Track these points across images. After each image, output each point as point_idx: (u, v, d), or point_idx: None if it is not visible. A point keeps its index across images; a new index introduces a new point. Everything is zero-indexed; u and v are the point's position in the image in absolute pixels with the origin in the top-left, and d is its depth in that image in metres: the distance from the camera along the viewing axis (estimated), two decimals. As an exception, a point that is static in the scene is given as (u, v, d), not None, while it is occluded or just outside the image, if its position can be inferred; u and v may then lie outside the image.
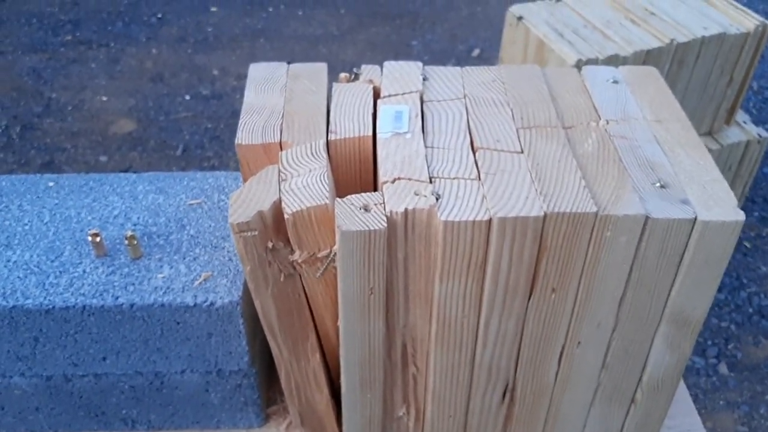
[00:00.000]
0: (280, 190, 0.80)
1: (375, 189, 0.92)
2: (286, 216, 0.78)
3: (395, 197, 0.76)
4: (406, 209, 0.75)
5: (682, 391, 1.12)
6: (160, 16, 3.63)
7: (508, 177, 0.79)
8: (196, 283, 0.91)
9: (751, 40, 2.16)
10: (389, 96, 0.93)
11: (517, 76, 0.97)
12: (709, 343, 2.23)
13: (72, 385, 0.98)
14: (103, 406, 1.01)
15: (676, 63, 2.13)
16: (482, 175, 0.79)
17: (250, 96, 0.94)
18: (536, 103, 0.91)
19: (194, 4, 3.74)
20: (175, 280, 0.91)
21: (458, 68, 0.99)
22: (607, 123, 0.88)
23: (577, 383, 0.91)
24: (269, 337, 0.88)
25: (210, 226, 0.99)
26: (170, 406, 1.01)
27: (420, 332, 0.86)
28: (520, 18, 2.21)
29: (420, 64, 0.99)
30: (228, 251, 0.95)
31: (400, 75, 0.96)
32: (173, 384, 0.98)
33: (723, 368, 2.17)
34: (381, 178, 0.80)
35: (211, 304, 0.89)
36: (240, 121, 0.89)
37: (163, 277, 0.91)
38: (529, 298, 0.81)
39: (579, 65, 1.99)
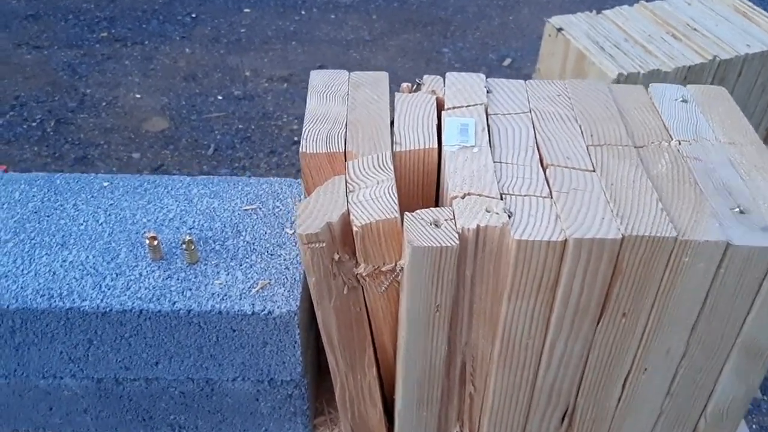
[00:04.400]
0: (348, 201, 0.79)
1: (437, 202, 0.91)
2: (354, 229, 0.76)
3: (466, 213, 0.75)
4: (477, 226, 0.73)
5: (742, 427, 1.09)
6: (194, 15, 3.64)
7: (582, 196, 0.77)
8: (254, 291, 0.90)
9: (795, 59, 2.12)
10: (453, 108, 0.91)
11: (582, 91, 0.95)
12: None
13: (122, 389, 0.97)
14: (151, 411, 1.00)
15: (717, 80, 2.09)
16: (554, 194, 0.78)
17: (312, 103, 0.93)
18: (605, 120, 0.89)
19: (228, 5, 3.75)
20: (233, 287, 0.90)
21: (522, 81, 0.97)
22: (680, 143, 0.86)
23: (640, 410, 0.89)
24: (327, 349, 0.87)
25: (266, 232, 0.98)
26: (219, 413, 1.00)
27: (481, 351, 0.84)
28: (560, 29, 2.18)
29: (482, 76, 0.98)
30: (284, 259, 0.94)
31: (464, 86, 0.95)
32: (224, 391, 0.97)
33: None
34: (450, 192, 0.79)
35: (269, 313, 0.87)
36: (303, 130, 0.88)
37: (220, 284, 0.90)
38: (599, 322, 0.79)
39: (620, 79, 1.96)
